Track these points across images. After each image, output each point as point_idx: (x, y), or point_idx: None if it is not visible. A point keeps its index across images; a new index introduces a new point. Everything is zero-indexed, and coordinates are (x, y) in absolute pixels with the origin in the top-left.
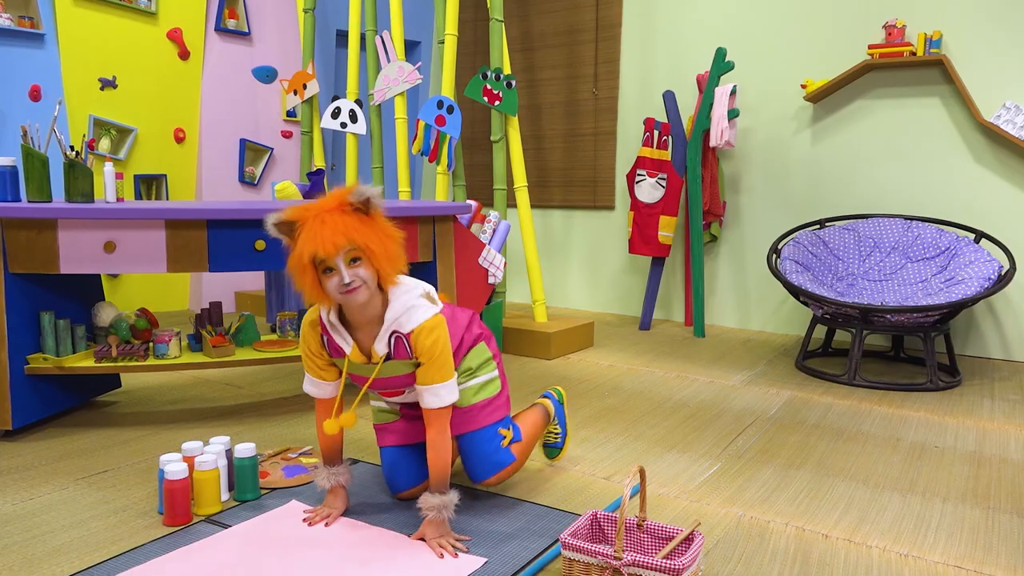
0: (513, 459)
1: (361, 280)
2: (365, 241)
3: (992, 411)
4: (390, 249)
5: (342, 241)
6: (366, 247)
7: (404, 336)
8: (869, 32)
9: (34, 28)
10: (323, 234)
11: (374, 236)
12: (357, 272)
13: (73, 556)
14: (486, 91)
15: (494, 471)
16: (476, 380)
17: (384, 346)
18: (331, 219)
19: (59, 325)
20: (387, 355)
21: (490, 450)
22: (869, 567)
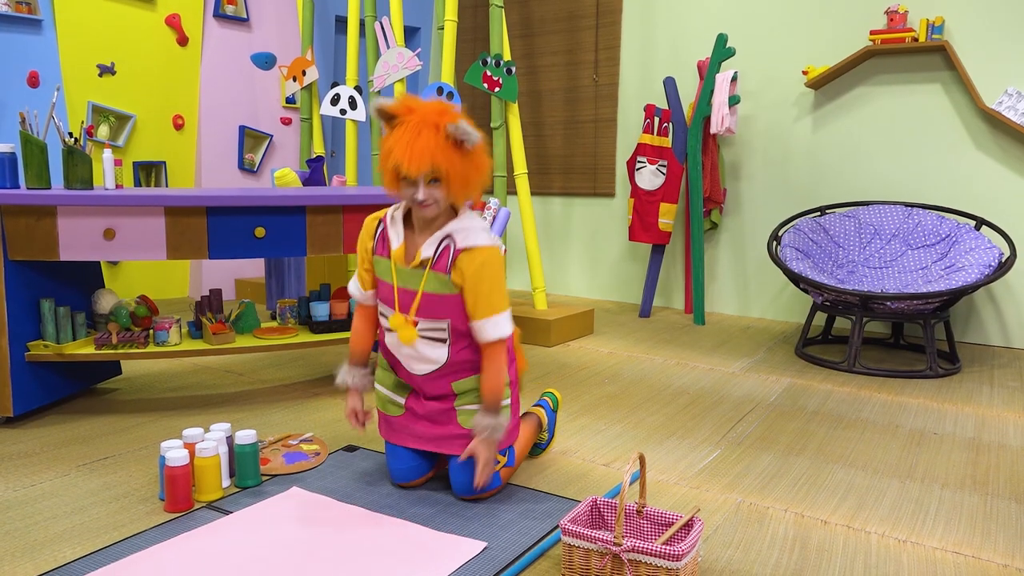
0: (499, 484)
1: (434, 200)
2: (447, 167)
3: (991, 398)
4: (469, 178)
5: (426, 165)
6: (447, 173)
7: (455, 249)
8: (871, 18)
9: (31, 14)
10: (412, 150)
11: (457, 165)
12: (433, 192)
13: (74, 542)
14: (486, 77)
15: (476, 494)
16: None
17: (430, 249)
18: (424, 136)
19: (59, 312)
20: (428, 261)
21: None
22: (868, 552)
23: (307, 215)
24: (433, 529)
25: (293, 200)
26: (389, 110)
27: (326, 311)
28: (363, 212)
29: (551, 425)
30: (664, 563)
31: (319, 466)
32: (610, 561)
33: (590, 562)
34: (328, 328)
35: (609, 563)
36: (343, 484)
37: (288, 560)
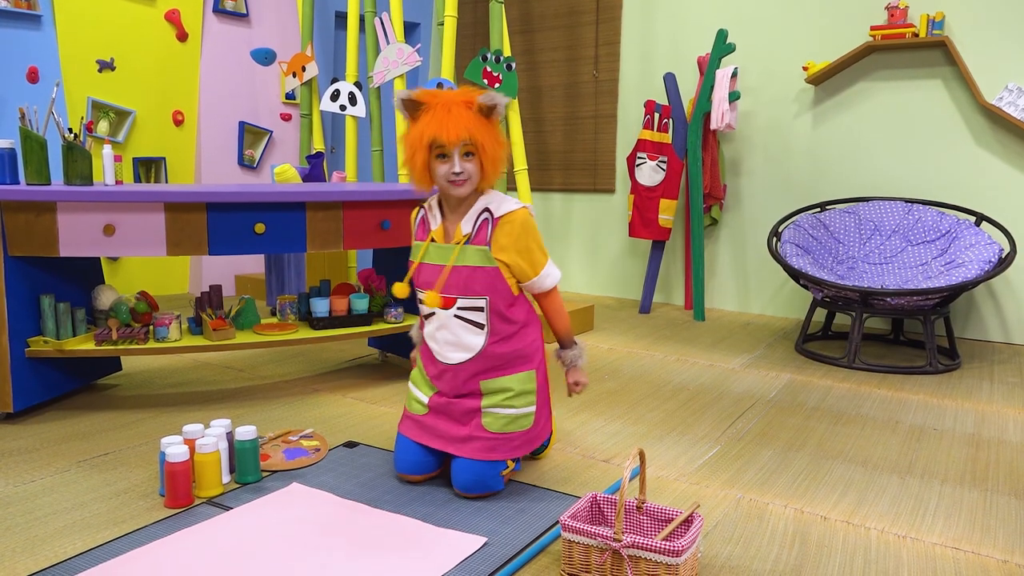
0: (501, 488)
1: (468, 175)
2: (483, 139)
3: (991, 394)
4: (498, 154)
5: (464, 133)
6: (482, 145)
7: (492, 219)
8: (871, 13)
9: (31, 9)
10: (448, 122)
11: (490, 138)
12: (467, 166)
13: (75, 538)
14: (486, 73)
15: (479, 491)
16: (512, 411)
17: (470, 225)
18: (457, 111)
19: (59, 308)
20: (468, 236)
21: (486, 478)
22: (867, 548)
23: (307, 211)
24: (433, 525)
25: (293, 196)
26: (415, 98)
27: (326, 307)
28: (363, 208)
29: None
30: (664, 559)
31: (319, 462)
32: (610, 557)
33: (590, 558)
34: (328, 324)
35: (609, 559)
36: (343, 480)
37: (288, 556)
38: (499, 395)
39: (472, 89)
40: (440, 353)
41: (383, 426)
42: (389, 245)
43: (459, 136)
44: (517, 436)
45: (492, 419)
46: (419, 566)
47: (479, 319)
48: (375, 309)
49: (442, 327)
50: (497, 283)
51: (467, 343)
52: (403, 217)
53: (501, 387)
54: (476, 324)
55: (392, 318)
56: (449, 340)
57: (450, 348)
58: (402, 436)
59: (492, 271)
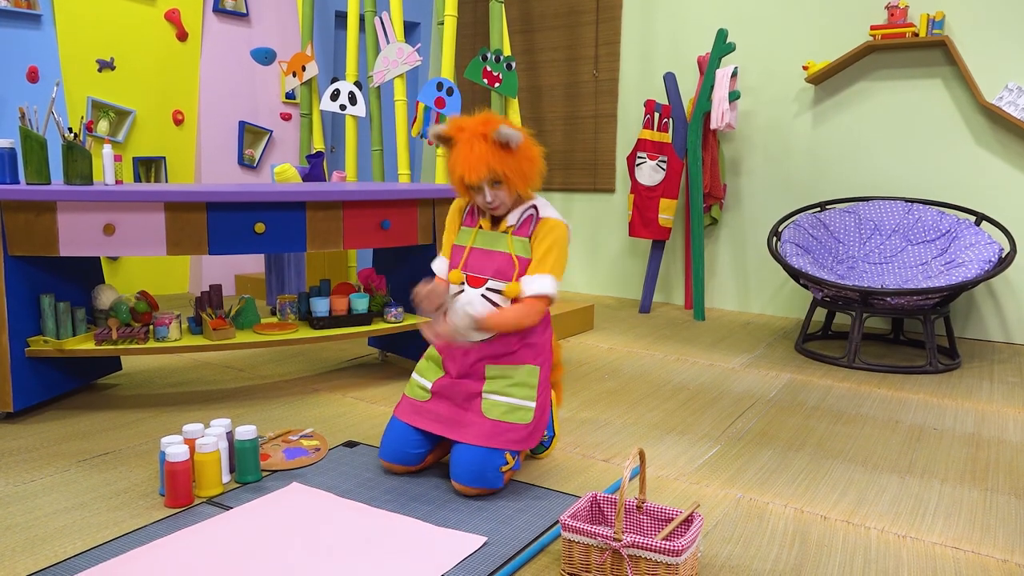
0: (501, 486)
1: (500, 200)
2: (503, 169)
3: (991, 393)
4: (527, 171)
5: (484, 172)
6: (504, 175)
7: (537, 217)
8: (871, 13)
9: (31, 9)
10: (470, 161)
11: (510, 164)
12: (497, 194)
13: (75, 537)
14: (486, 73)
15: (477, 486)
16: (511, 400)
17: (514, 217)
18: (478, 147)
19: (59, 308)
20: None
21: (486, 470)
22: (867, 548)
23: (307, 211)
24: (433, 524)
25: (293, 196)
26: (444, 134)
27: (326, 307)
28: (363, 208)
29: (550, 424)
30: (664, 558)
31: (319, 462)
32: (610, 556)
33: (590, 557)
34: (328, 324)
35: (609, 558)
36: (343, 480)
37: (288, 555)
38: (500, 381)
39: (490, 117)
40: None
41: (383, 426)
42: (389, 245)
43: (480, 176)
44: (515, 428)
45: (491, 405)
46: (419, 566)
47: (501, 301)
48: (375, 309)
49: (468, 302)
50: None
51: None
52: (403, 217)
53: (504, 374)
54: (496, 306)
55: (392, 317)
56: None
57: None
58: (396, 420)
59: (525, 262)
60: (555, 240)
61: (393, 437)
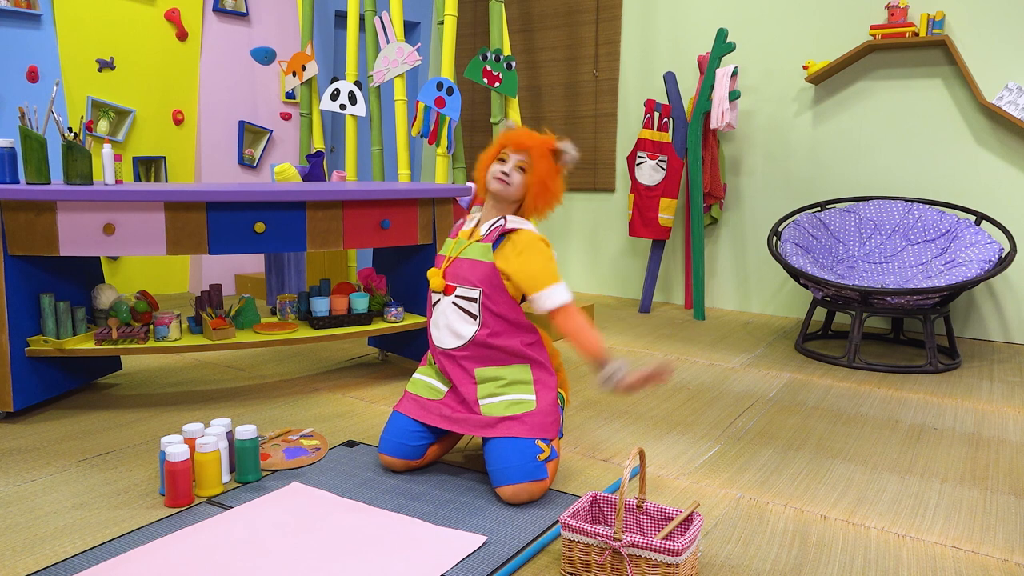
0: (547, 476)
1: (512, 181)
2: (538, 164)
3: (991, 393)
4: (549, 187)
5: (526, 144)
6: (533, 166)
7: (505, 229)
8: (871, 12)
9: (31, 8)
10: (522, 135)
11: (546, 170)
12: (515, 175)
13: (75, 537)
14: (486, 72)
15: (522, 479)
16: (506, 397)
17: (486, 228)
18: (537, 136)
19: (59, 307)
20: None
21: (522, 460)
22: (867, 547)
23: (307, 210)
24: (433, 523)
25: (293, 195)
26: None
27: (326, 306)
28: (363, 208)
29: None
30: (664, 558)
31: (319, 461)
32: (610, 556)
33: (590, 557)
34: (328, 323)
35: (609, 558)
36: (343, 479)
37: (288, 555)
38: (492, 383)
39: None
40: (437, 338)
41: (383, 425)
42: (389, 244)
43: (521, 145)
44: (526, 417)
45: (490, 407)
46: (419, 565)
47: (472, 309)
48: (375, 308)
49: (441, 312)
50: (492, 278)
51: (459, 330)
52: (403, 216)
53: (494, 375)
54: (469, 314)
55: (392, 317)
56: (445, 325)
57: (445, 333)
58: (397, 414)
59: (488, 266)
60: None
61: (393, 430)
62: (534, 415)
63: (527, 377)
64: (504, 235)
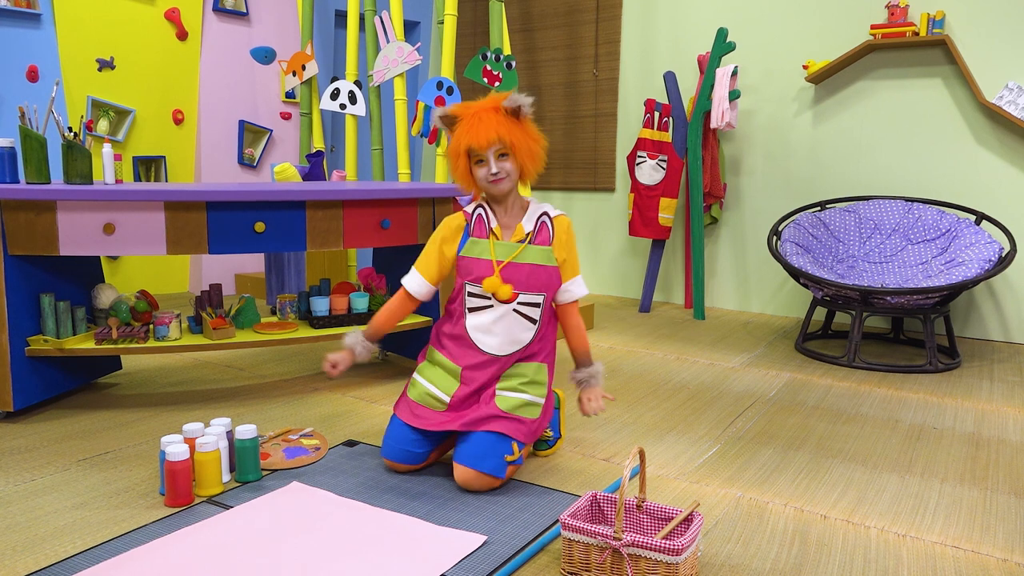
0: (502, 478)
1: (506, 172)
2: (512, 139)
3: (991, 392)
4: (533, 149)
5: (493, 137)
6: (512, 144)
7: (550, 218)
8: (871, 12)
9: (31, 8)
10: (478, 129)
11: (521, 136)
12: (503, 165)
13: (75, 537)
14: (486, 72)
15: (481, 470)
16: (524, 396)
17: (531, 224)
18: (486, 117)
19: (59, 307)
20: (529, 236)
21: (491, 454)
22: (867, 547)
23: (307, 210)
24: (433, 523)
25: (293, 195)
26: (451, 113)
27: (326, 306)
28: (363, 207)
29: (555, 423)
30: (664, 557)
31: (319, 461)
32: (610, 555)
33: (590, 556)
34: (328, 323)
35: (609, 557)
36: (343, 479)
37: (288, 555)
38: (515, 379)
39: (500, 95)
40: (490, 346)
41: (383, 425)
42: (389, 244)
43: (489, 140)
44: (525, 421)
45: (503, 400)
46: (419, 565)
47: (534, 315)
48: (375, 308)
49: (499, 320)
50: (554, 281)
51: (519, 337)
52: (403, 216)
53: (518, 372)
54: (530, 319)
55: None
56: (503, 332)
57: (503, 340)
58: (397, 420)
59: (552, 270)
60: (572, 238)
61: (395, 436)
62: (533, 423)
63: (543, 378)
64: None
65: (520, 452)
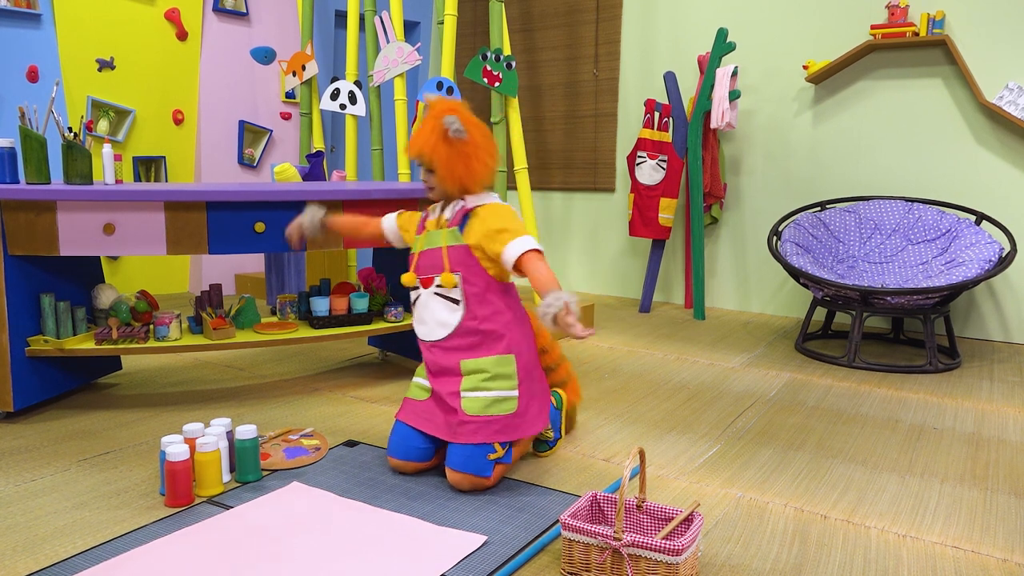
0: (489, 475)
1: (430, 185)
2: (430, 157)
3: (991, 393)
4: (454, 168)
5: (415, 152)
6: (430, 162)
7: (467, 210)
8: (871, 12)
9: (31, 8)
10: (413, 139)
11: (442, 154)
12: (429, 178)
13: (75, 537)
14: (486, 72)
15: (466, 471)
16: (488, 393)
17: (449, 212)
18: (424, 128)
19: (59, 307)
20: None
21: (474, 456)
22: (867, 547)
23: None
24: (433, 523)
25: (293, 195)
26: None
27: (326, 306)
28: (363, 207)
29: (556, 424)
30: (664, 557)
31: (319, 461)
32: (610, 556)
33: (590, 556)
34: (328, 323)
35: (609, 558)
36: (343, 479)
37: (288, 555)
38: (475, 376)
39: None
40: (425, 332)
41: (383, 425)
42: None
43: (411, 152)
44: (499, 419)
45: (470, 402)
46: (419, 565)
47: (455, 295)
48: (375, 308)
49: (424, 306)
50: (468, 260)
51: (444, 319)
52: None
53: (477, 368)
54: (452, 300)
55: (392, 317)
56: (429, 317)
57: (432, 325)
58: (400, 424)
59: (462, 248)
60: (499, 215)
61: (399, 436)
62: (511, 417)
63: (509, 370)
64: (468, 215)
65: (503, 449)
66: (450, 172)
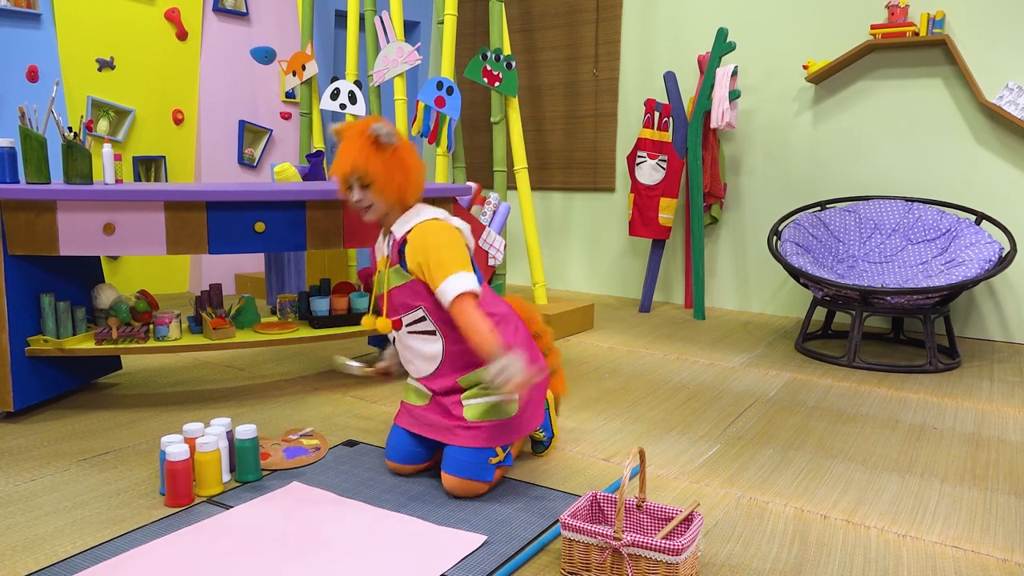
0: (490, 480)
1: (368, 202)
2: (366, 167)
3: (991, 393)
4: (393, 177)
5: (347, 166)
6: (366, 173)
7: (397, 240)
8: (871, 12)
9: (31, 8)
10: (339, 158)
11: (377, 164)
12: (365, 194)
13: (75, 537)
14: (486, 72)
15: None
16: (486, 400)
17: (385, 248)
18: (348, 143)
19: (59, 307)
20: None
21: (475, 460)
22: (867, 547)
23: (307, 210)
24: (433, 523)
25: (293, 195)
26: (335, 131)
27: (326, 306)
28: None
29: (547, 424)
30: (664, 557)
31: (319, 461)
32: (610, 555)
33: (590, 556)
34: (328, 323)
35: (609, 557)
36: (343, 479)
37: (288, 555)
38: (477, 383)
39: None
40: (415, 371)
41: (383, 425)
42: None
43: (343, 170)
44: (499, 424)
45: (472, 410)
46: (419, 565)
47: (428, 327)
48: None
49: (404, 347)
50: (424, 291)
51: (428, 353)
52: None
53: (477, 380)
54: (428, 332)
55: None
56: (413, 356)
57: (419, 363)
58: (397, 428)
59: (412, 283)
60: (432, 244)
61: (397, 439)
62: (512, 421)
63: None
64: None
65: (504, 452)
66: (389, 181)
